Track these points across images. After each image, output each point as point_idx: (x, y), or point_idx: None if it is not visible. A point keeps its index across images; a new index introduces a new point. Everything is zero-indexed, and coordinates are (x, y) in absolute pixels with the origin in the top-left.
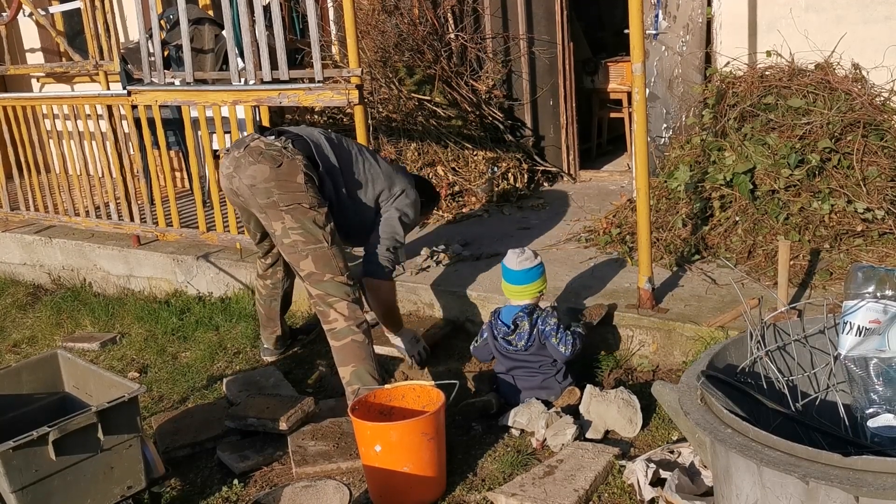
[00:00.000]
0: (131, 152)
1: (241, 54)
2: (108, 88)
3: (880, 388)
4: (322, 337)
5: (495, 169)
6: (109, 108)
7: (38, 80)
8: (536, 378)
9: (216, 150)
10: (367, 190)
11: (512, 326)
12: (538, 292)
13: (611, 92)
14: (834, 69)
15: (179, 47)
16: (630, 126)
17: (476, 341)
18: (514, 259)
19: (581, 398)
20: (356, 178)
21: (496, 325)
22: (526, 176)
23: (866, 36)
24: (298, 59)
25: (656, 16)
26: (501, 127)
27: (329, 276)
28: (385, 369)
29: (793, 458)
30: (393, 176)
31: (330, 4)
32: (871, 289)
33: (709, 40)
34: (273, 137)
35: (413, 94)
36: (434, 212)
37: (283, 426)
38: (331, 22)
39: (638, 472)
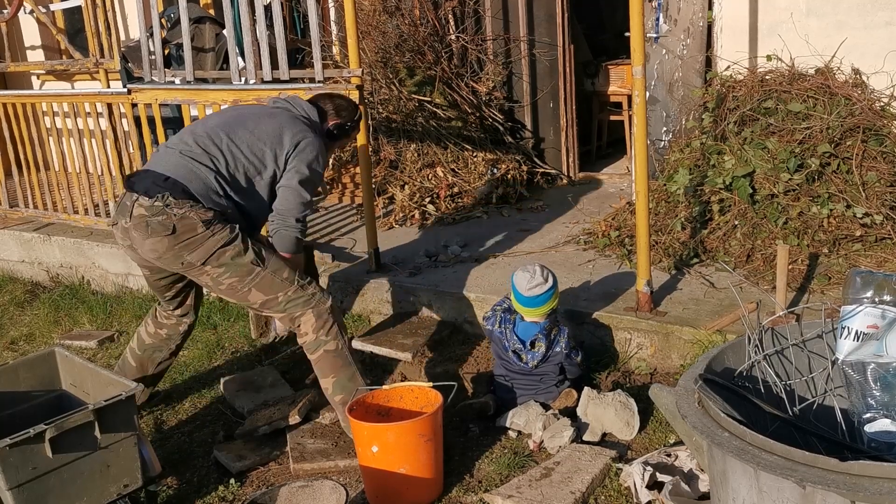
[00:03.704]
0: (131, 150)
1: (242, 53)
2: (109, 86)
3: (877, 393)
4: None
5: (495, 170)
6: (109, 106)
7: (38, 78)
8: (536, 387)
9: None
10: (260, 174)
11: (528, 346)
12: (550, 310)
13: (611, 95)
14: (834, 74)
15: (180, 46)
16: (630, 129)
17: (487, 321)
18: (525, 284)
19: (578, 400)
20: (244, 173)
21: (509, 338)
22: (525, 178)
23: (867, 41)
24: (299, 59)
25: (657, 19)
26: (501, 128)
27: (282, 295)
28: (383, 369)
29: (789, 463)
30: (282, 132)
31: (331, 4)
32: (869, 294)
33: (709, 44)
34: (148, 199)
35: (413, 95)
36: (433, 212)
37: (293, 419)
38: (332, 22)
39: (635, 475)
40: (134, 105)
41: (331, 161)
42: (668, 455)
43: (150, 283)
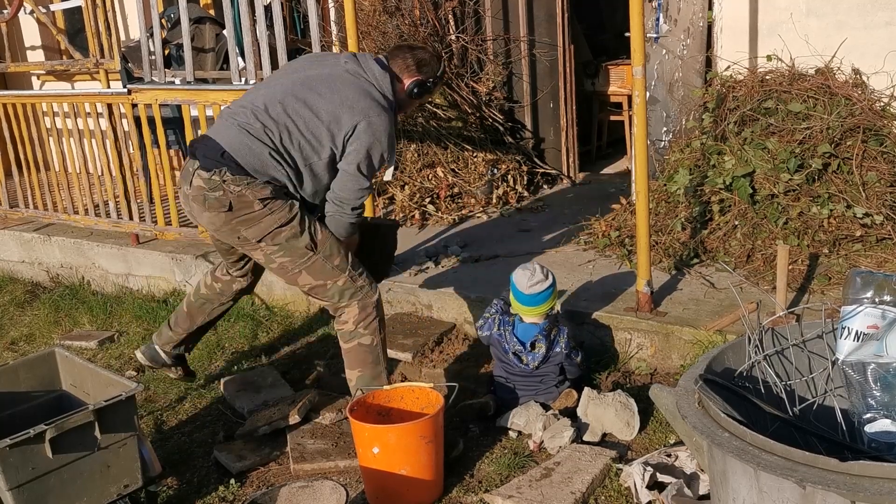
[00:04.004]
0: (131, 151)
1: (242, 53)
2: (109, 87)
3: (878, 394)
4: (317, 338)
5: (495, 171)
6: (109, 106)
7: (38, 78)
8: (537, 388)
9: None
10: (318, 154)
11: (529, 347)
12: (549, 310)
13: (611, 95)
14: (834, 74)
15: (180, 46)
16: (630, 129)
17: (480, 329)
18: (525, 282)
19: (578, 400)
20: (300, 150)
21: (508, 340)
22: (525, 178)
23: (867, 41)
24: None
25: (657, 19)
26: (501, 129)
27: (331, 283)
28: None
29: (790, 463)
30: (341, 112)
31: (331, 5)
32: (869, 294)
33: (709, 44)
34: (206, 173)
35: None
36: (433, 213)
37: (293, 419)
38: (332, 22)
39: (635, 475)
40: (134, 105)
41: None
42: (669, 455)
43: (215, 245)
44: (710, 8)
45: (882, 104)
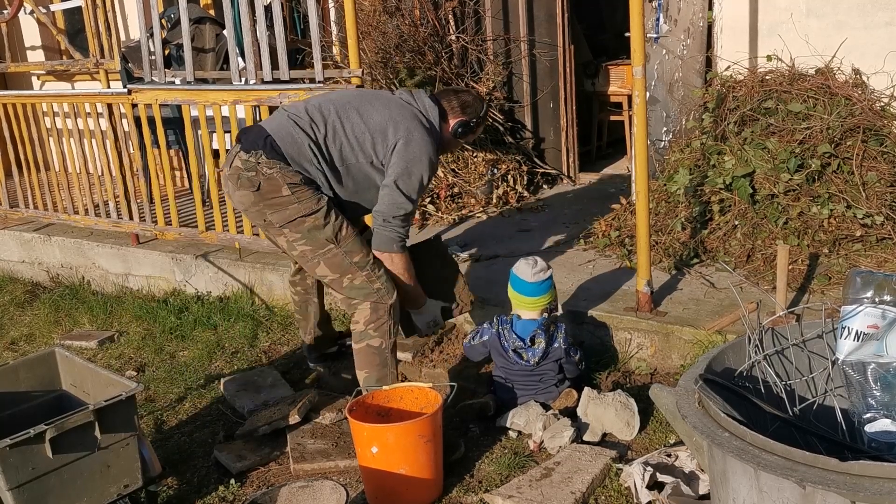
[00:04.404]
0: (131, 151)
1: (242, 54)
2: (109, 87)
3: (878, 393)
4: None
5: (495, 171)
6: (109, 106)
7: (38, 78)
8: (536, 387)
9: (216, 150)
10: (357, 159)
11: (528, 343)
12: (549, 304)
13: (611, 95)
14: (834, 74)
15: (180, 46)
16: (630, 129)
17: (471, 340)
18: (529, 271)
19: (578, 400)
20: (339, 151)
21: (507, 337)
22: (525, 178)
23: (867, 41)
24: (299, 60)
25: (657, 19)
26: (501, 129)
27: (347, 279)
28: None
29: (790, 463)
30: (387, 126)
31: (331, 5)
32: (869, 294)
33: (710, 44)
34: (245, 154)
35: None
36: (433, 213)
37: (293, 419)
38: (332, 22)
39: (635, 475)
40: (134, 105)
41: None
42: (669, 455)
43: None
44: (710, 8)
45: (882, 104)
